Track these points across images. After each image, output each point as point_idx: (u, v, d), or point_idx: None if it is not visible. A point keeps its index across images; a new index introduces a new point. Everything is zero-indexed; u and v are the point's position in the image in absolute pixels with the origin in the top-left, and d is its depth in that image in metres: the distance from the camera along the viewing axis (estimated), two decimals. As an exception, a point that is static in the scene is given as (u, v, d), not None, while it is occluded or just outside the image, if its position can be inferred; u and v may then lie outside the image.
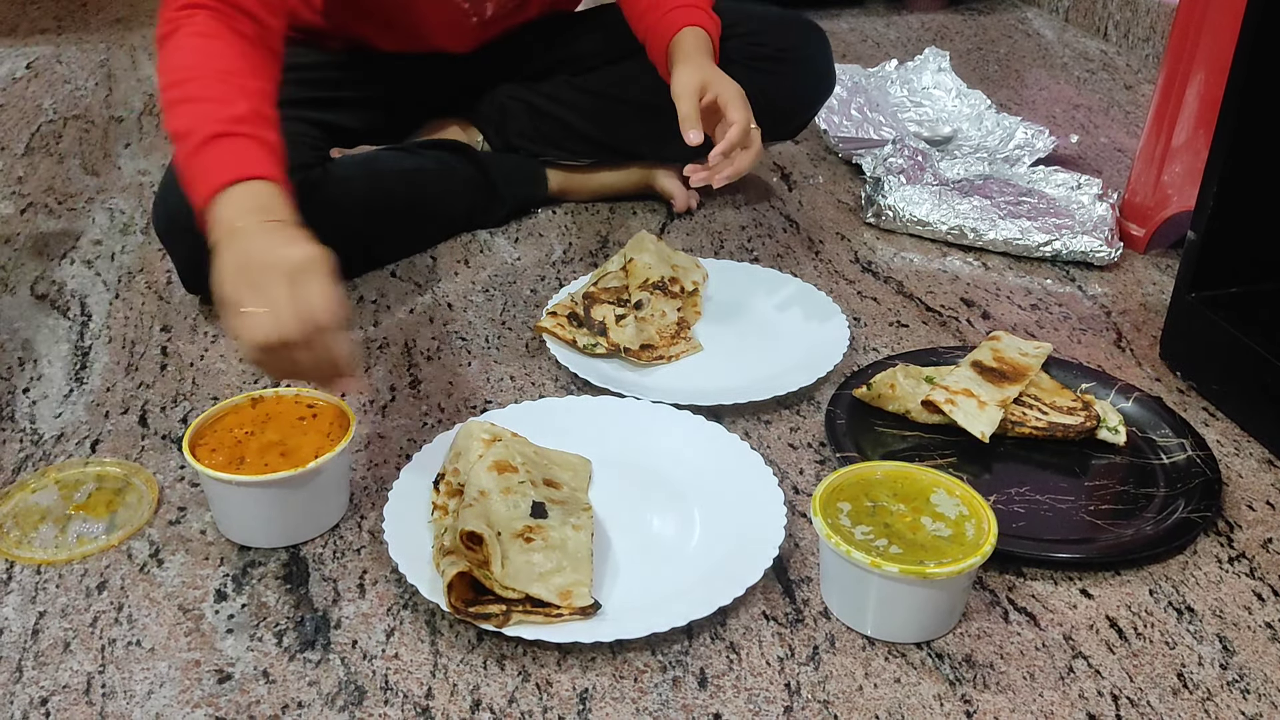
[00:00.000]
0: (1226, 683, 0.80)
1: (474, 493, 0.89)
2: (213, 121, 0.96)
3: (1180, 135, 1.35)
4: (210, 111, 0.97)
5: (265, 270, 0.85)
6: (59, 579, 0.88)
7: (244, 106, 0.98)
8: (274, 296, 0.84)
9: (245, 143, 0.96)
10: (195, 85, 1.00)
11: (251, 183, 0.93)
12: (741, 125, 1.19)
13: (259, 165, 0.95)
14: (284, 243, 0.88)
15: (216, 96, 0.99)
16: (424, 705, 0.78)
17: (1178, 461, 1.00)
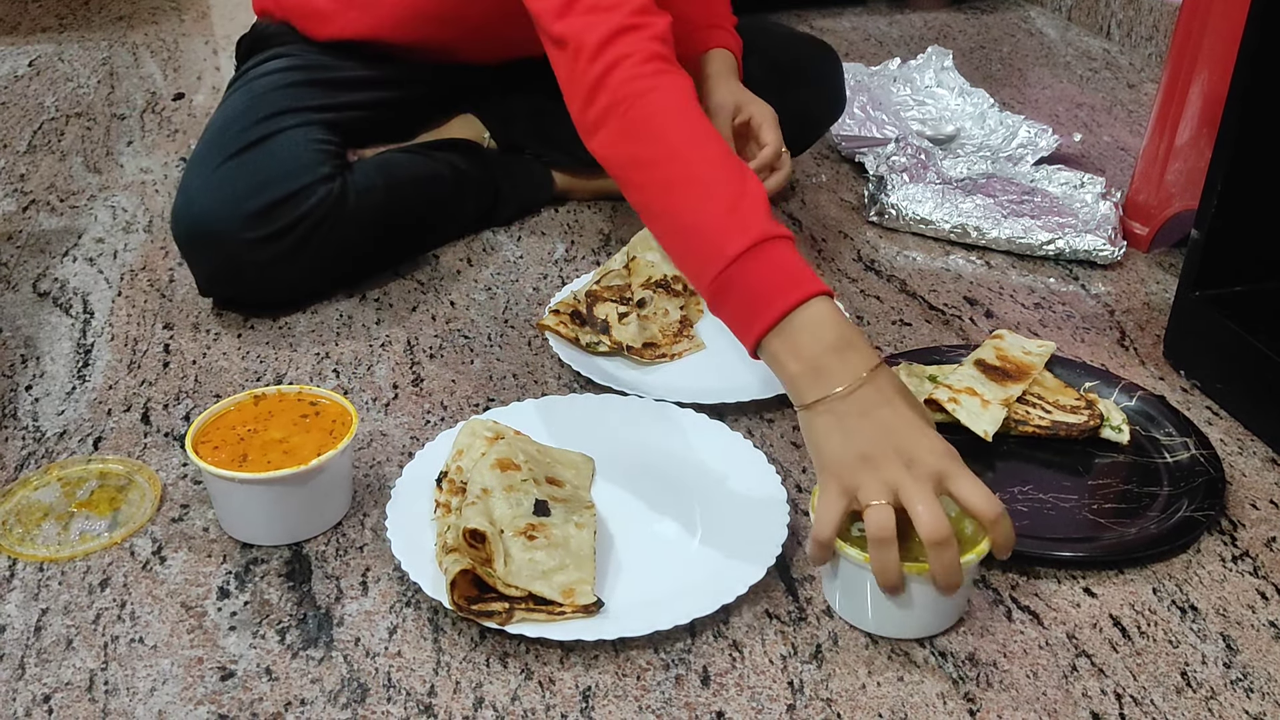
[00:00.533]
0: (1230, 682, 0.80)
1: (476, 490, 0.89)
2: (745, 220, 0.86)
3: (1183, 134, 1.35)
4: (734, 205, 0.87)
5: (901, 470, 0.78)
6: (61, 576, 0.88)
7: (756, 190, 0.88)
8: (917, 498, 0.76)
9: (785, 247, 0.86)
10: (702, 159, 0.91)
11: (816, 303, 0.83)
12: (774, 148, 1.21)
13: (811, 276, 0.85)
14: (916, 431, 0.80)
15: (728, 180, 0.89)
16: (427, 703, 0.78)
17: (1181, 460, 1.00)
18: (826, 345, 0.82)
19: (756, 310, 0.84)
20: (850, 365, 0.82)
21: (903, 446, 0.79)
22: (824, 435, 0.81)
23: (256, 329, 1.22)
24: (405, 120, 1.44)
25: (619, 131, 0.95)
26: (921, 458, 0.78)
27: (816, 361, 0.82)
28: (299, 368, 1.15)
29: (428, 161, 1.37)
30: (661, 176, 0.91)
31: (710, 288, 0.88)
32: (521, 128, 1.44)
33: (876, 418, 0.80)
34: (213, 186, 1.17)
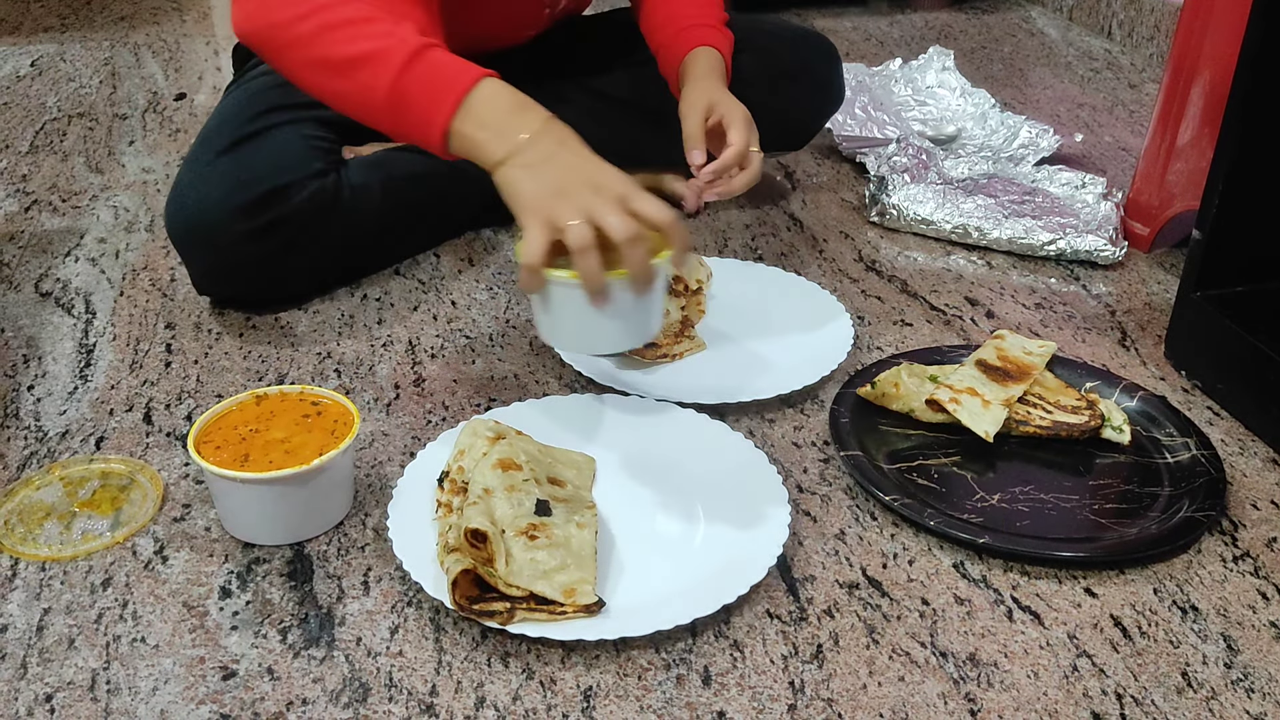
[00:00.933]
0: (1231, 682, 0.80)
1: (478, 490, 0.89)
2: (402, 39, 0.96)
3: (1185, 134, 1.35)
4: (391, 29, 0.97)
5: (593, 194, 0.90)
6: (64, 575, 0.89)
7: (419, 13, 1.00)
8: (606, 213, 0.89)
9: (446, 53, 0.97)
10: (352, 7, 0.99)
11: (485, 82, 0.95)
12: (739, 147, 1.19)
13: (473, 66, 0.96)
14: (593, 166, 0.93)
15: (383, 15, 0.99)
16: (428, 703, 0.78)
17: (1182, 461, 1.00)
18: (503, 110, 0.95)
19: (436, 104, 0.95)
20: (528, 120, 0.95)
21: (589, 178, 0.92)
22: (518, 183, 0.92)
23: (258, 328, 1.22)
24: None
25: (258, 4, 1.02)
26: (606, 184, 0.91)
27: (498, 124, 0.94)
28: (301, 367, 1.15)
29: (425, 159, 1.37)
30: (310, 28, 0.99)
31: (386, 103, 0.96)
32: None
33: (561, 160, 0.93)
34: (204, 181, 1.17)
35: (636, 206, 0.91)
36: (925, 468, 0.99)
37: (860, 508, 0.97)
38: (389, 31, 0.98)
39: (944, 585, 0.88)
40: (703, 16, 1.33)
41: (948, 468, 1.00)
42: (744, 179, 1.22)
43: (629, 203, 0.91)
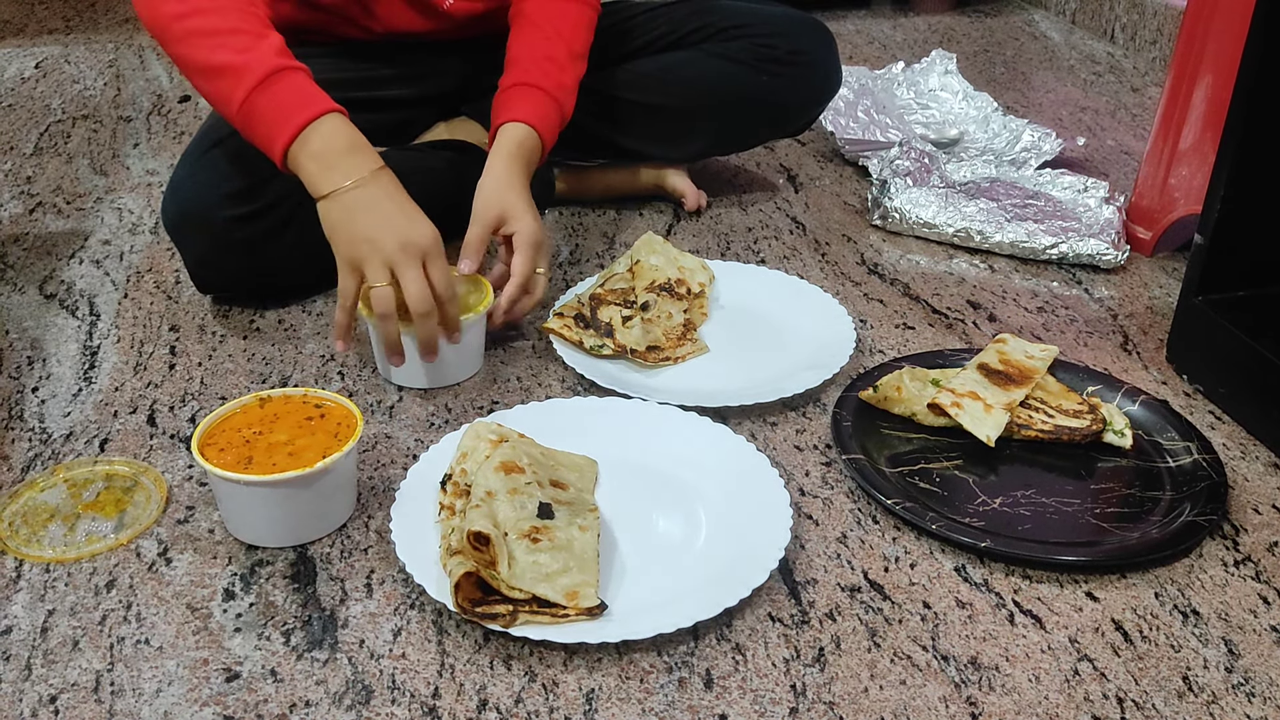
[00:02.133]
0: (1232, 686, 0.80)
1: (481, 493, 0.89)
2: (263, 55, 1.02)
3: (1187, 138, 1.35)
4: (251, 45, 1.03)
5: (399, 251, 1.00)
6: (68, 577, 0.89)
7: (276, 37, 1.05)
8: (416, 278, 1.00)
9: (300, 77, 1.04)
10: (219, 16, 1.05)
11: (329, 118, 1.03)
12: (519, 279, 1.13)
13: (323, 97, 1.04)
14: (407, 220, 1.01)
15: (248, 28, 1.05)
16: (431, 705, 0.78)
17: (1184, 465, 1.00)
18: (337, 149, 1.02)
19: (279, 127, 1.02)
20: (358, 163, 1.03)
21: (399, 233, 1.00)
22: (336, 222, 1.02)
23: (262, 331, 1.22)
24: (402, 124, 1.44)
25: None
26: (414, 242, 1.00)
27: (330, 160, 1.02)
28: (304, 370, 1.16)
29: (420, 156, 1.38)
30: (185, 29, 1.06)
31: (238, 115, 1.04)
32: None
33: (379, 209, 1.01)
34: (197, 171, 1.19)
35: (430, 272, 1.01)
36: (927, 471, 1.00)
37: (862, 511, 0.97)
38: (249, 46, 1.04)
39: (945, 589, 0.89)
40: (522, 72, 1.21)
41: (949, 471, 1.00)
42: (528, 304, 1.16)
43: (428, 264, 1.01)
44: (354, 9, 1.34)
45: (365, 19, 1.36)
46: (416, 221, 1.03)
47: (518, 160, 1.17)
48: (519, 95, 1.19)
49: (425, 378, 1.11)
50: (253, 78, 1.03)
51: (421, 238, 1.02)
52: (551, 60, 1.22)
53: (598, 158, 1.49)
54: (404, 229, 1.01)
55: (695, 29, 1.44)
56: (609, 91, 1.43)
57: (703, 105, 1.42)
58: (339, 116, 1.05)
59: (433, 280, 1.02)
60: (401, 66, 1.40)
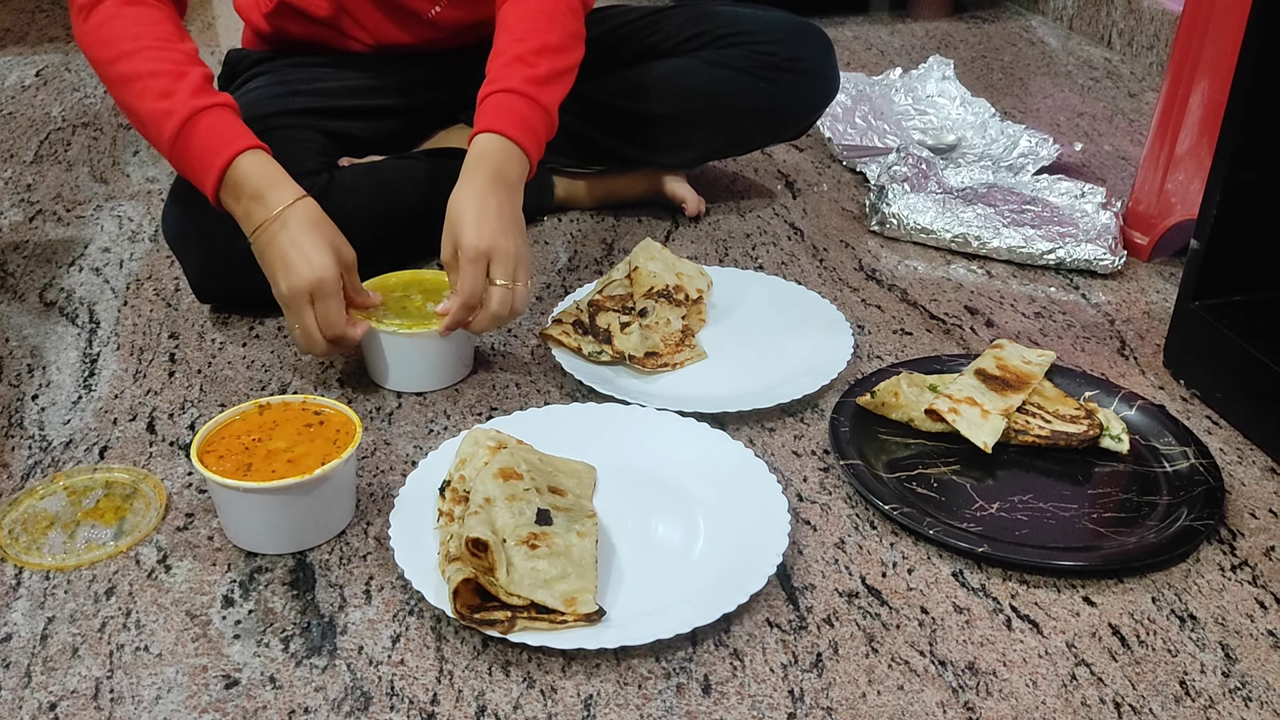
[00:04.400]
0: (1228, 690, 0.81)
1: (479, 499, 0.89)
2: (178, 103, 1.06)
3: (1184, 143, 1.35)
4: (170, 88, 1.06)
5: (292, 294, 1.04)
6: (67, 584, 0.89)
7: (197, 74, 1.08)
8: (305, 323, 1.04)
9: (218, 115, 1.07)
10: (141, 59, 1.08)
11: (243, 158, 1.06)
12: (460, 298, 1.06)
13: (238, 136, 1.07)
14: (293, 261, 1.03)
15: (168, 70, 1.07)
16: (429, 711, 0.78)
17: (1180, 469, 1.00)
18: (255, 187, 1.06)
19: (203, 173, 1.07)
20: (279, 196, 1.05)
21: (285, 278, 1.03)
22: (261, 257, 1.06)
23: (261, 338, 1.22)
24: (405, 134, 1.45)
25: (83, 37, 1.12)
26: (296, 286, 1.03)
27: (250, 199, 1.06)
28: (303, 377, 1.16)
29: (421, 165, 1.38)
30: (113, 75, 1.09)
31: (170, 160, 1.09)
32: None
33: (274, 250, 1.04)
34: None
35: (318, 311, 1.04)
36: (924, 476, 1.00)
37: (860, 516, 0.97)
38: (167, 92, 1.06)
39: (943, 594, 0.89)
40: (501, 78, 1.15)
41: (947, 476, 1.00)
42: (481, 321, 1.08)
43: (316, 304, 1.04)
44: (344, 21, 1.35)
45: (355, 31, 1.37)
46: (302, 262, 1.03)
47: (476, 173, 1.10)
48: (485, 107, 1.15)
49: (416, 381, 1.13)
50: (174, 124, 1.05)
51: (301, 280, 1.03)
52: (520, 59, 1.17)
53: (596, 164, 1.49)
54: (288, 274, 1.03)
55: (692, 35, 1.44)
56: (607, 99, 1.44)
57: (700, 112, 1.43)
58: (252, 154, 1.07)
59: (320, 321, 1.05)
60: (400, 76, 1.40)
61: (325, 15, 1.34)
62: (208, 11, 2.53)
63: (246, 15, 1.41)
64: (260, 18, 1.37)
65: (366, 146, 1.40)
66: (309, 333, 1.05)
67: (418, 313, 1.13)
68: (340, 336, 1.06)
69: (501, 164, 1.12)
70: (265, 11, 1.36)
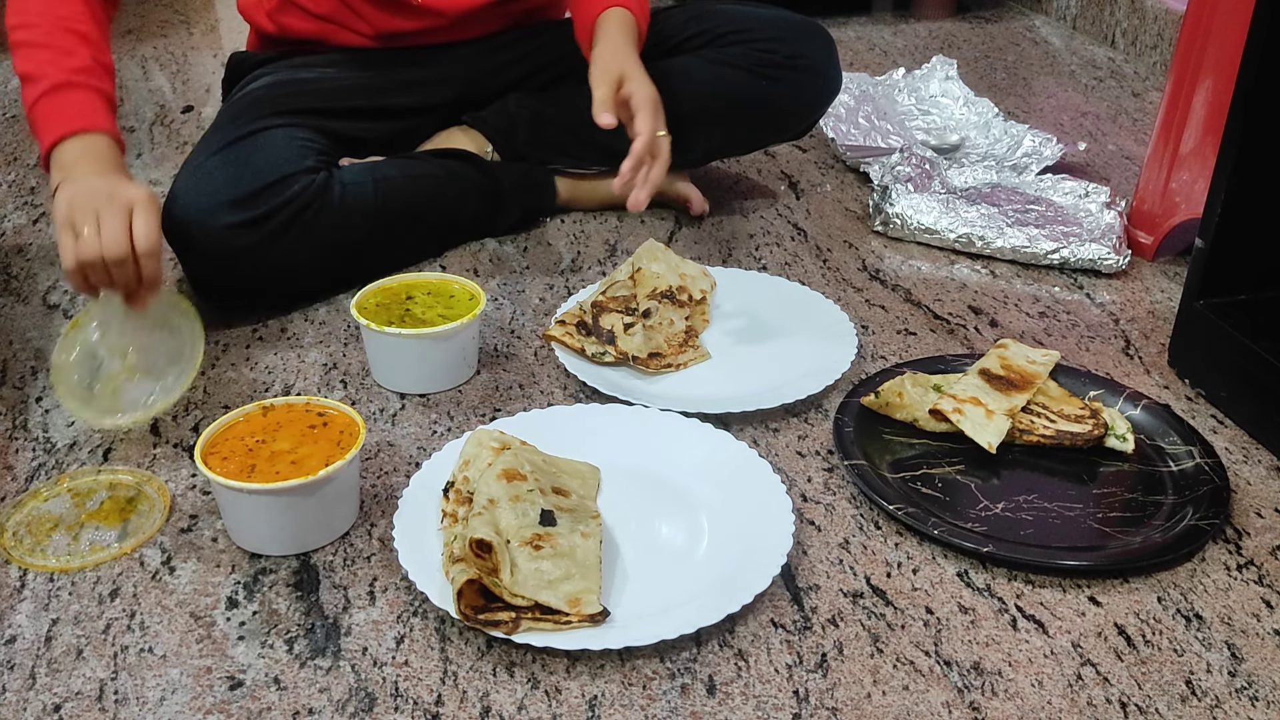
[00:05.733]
0: (1235, 690, 0.80)
1: (483, 500, 0.89)
2: (56, 70, 1.11)
3: (1188, 142, 1.35)
4: (53, 60, 1.12)
5: (106, 201, 1.02)
6: (72, 586, 0.89)
7: (85, 55, 1.12)
8: (110, 224, 1.01)
9: (85, 94, 1.11)
10: (40, 30, 1.13)
11: (90, 135, 1.09)
12: (646, 137, 1.18)
13: (97, 118, 1.11)
14: (120, 184, 1.05)
15: (60, 45, 1.12)
16: (434, 712, 0.78)
17: (1186, 469, 1.00)
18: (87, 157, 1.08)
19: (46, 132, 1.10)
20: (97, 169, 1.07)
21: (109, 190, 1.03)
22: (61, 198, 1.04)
23: (265, 340, 1.22)
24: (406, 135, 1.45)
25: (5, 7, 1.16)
26: (120, 194, 1.03)
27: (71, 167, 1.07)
28: (307, 378, 1.16)
29: (421, 163, 1.39)
30: (14, 39, 1.14)
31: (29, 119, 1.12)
32: (524, 136, 1.45)
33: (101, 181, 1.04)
34: (198, 178, 1.20)
35: (134, 221, 1.02)
36: (929, 476, 1.00)
37: (864, 517, 0.97)
38: (50, 60, 1.12)
39: (948, 594, 0.89)
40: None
41: (951, 476, 1.00)
42: (659, 169, 1.21)
43: (135, 215, 1.02)
44: (344, 14, 1.36)
45: (356, 23, 1.37)
46: (130, 185, 1.06)
47: (626, 35, 1.25)
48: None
49: (419, 382, 1.12)
50: (44, 85, 1.10)
51: (131, 194, 1.04)
52: None
53: (598, 165, 1.49)
54: (115, 188, 1.04)
55: (694, 34, 1.44)
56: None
57: (703, 111, 1.42)
58: (105, 139, 1.10)
59: (134, 229, 1.02)
60: (403, 74, 1.41)
61: (325, 10, 1.35)
62: (210, 14, 2.53)
63: (250, 16, 1.41)
64: (264, 16, 1.38)
65: (367, 147, 1.40)
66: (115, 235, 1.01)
67: (420, 314, 1.13)
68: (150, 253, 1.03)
69: (630, 32, 1.25)
70: (269, 9, 1.37)
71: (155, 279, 1.05)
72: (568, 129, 1.45)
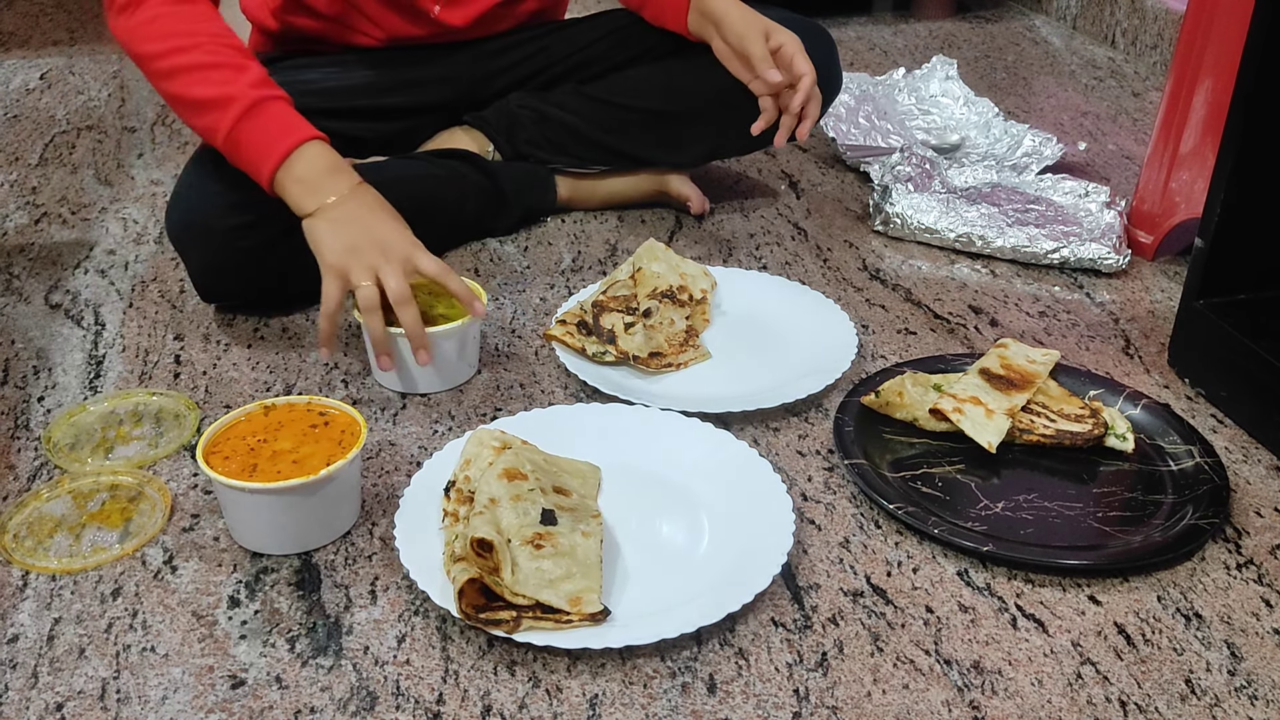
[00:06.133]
0: (1234, 689, 0.81)
1: (484, 500, 0.89)
2: (240, 89, 1.09)
3: (1188, 142, 1.35)
4: (230, 79, 1.09)
5: (378, 255, 1.05)
6: (74, 585, 0.89)
7: (256, 68, 1.11)
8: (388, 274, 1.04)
9: (280, 106, 1.10)
10: (202, 52, 1.11)
11: (310, 144, 1.09)
12: (811, 75, 1.27)
13: (302, 127, 1.10)
14: (386, 228, 1.07)
15: (229, 62, 1.11)
16: (435, 711, 0.78)
17: (1186, 468, 1.00)
18: (319, 171, 1.09)
19: (264, 155, 1.08)
20: (339, 182, 1.09)
21: (379, 240, 1.06)
22: (321, 236, 1.06)
23: (266, 339, 1.22)
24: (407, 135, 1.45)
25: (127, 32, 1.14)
26: (394, 246, 1.06)
27: (313, 182, 1.08)
28: (308, 378, 1.16)
29: (423, 164, 1.39)
30: (166, 67, 1.12)
31: (225, 145, 1.10)
32: (525, 136, 1.45)
33: (360, 221, 1.07)
34: (199, 181, 1.20)
35: (418, 266, 1.06)
36: (929, 476, 1.00)
37: (864, 516, 0.97)
38: (230, 79, 1.10)
39: (948, 593, 0.89)
40: None
41: (951, 476, 1.00)
42: (817, 106, 1.29)
43: (411, 262, 1.06)
44: (353, 16, 1.36)
45: (365, 26, 1.37)
46: (395, 228, 1.09)
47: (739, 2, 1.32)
48: None
49: (419, 382, 1.13)
50: (237, 109, 1.08)
51: (402, 242, 1.07)
52: None
53: (599, 164, 1.49)
54: (383, 235, 1.07)
55: None
56: (610, 99, 1.44)
57: (703, 110, 1.43)
58: (320, 143, 1.11)
59: (421, 269, 1.07)
60: (405, 74, 1.41)
61: (333, 12, 1.35)
62: (212, 14, 2.53)
63: (254, 15, 1.41)
64: (268, 14, 1.38)
65: (368, 147, 1.40)
66: (401, 284, 1.04)
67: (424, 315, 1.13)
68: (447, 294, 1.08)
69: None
70: (273, 8, 1.37)
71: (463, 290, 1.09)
72: (568, 128, 1.45)
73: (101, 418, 1.09)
